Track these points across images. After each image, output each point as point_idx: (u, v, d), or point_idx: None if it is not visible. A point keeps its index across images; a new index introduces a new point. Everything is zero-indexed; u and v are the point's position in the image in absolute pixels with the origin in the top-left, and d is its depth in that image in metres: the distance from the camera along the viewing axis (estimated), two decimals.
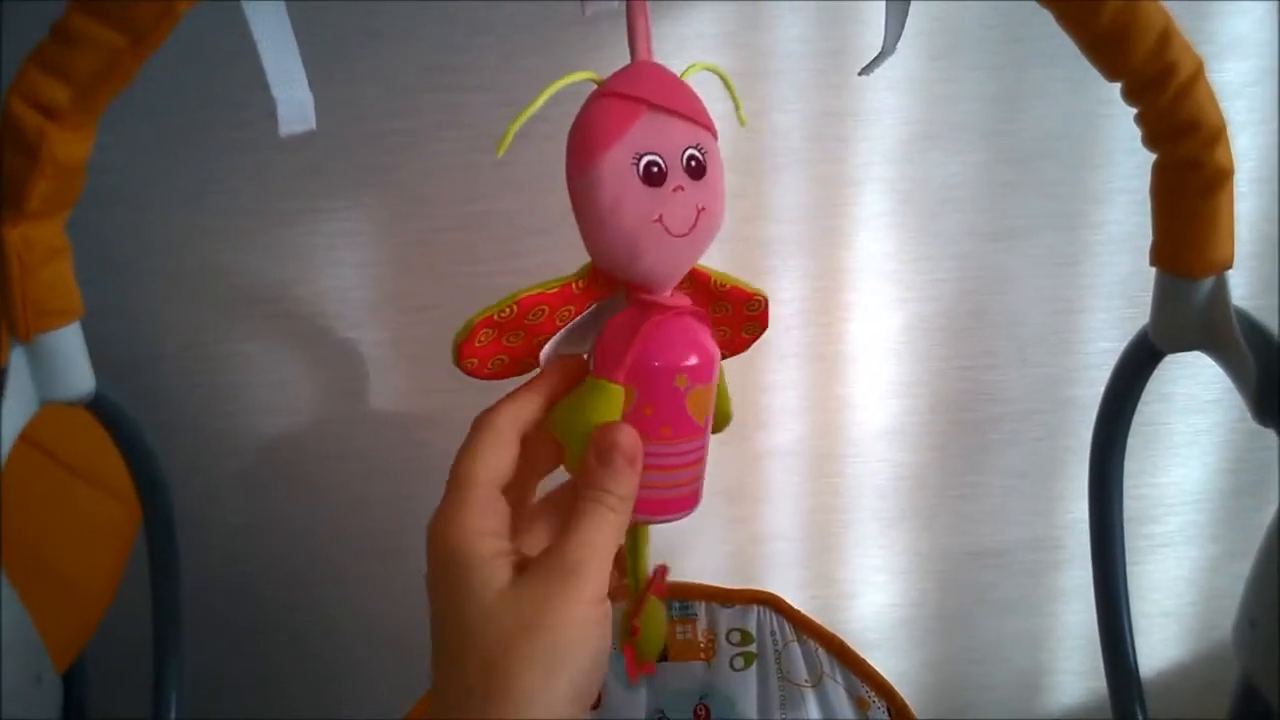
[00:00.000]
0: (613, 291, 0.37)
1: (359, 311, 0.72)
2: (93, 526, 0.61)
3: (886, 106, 0.67)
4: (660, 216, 0.34)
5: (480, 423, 0.35)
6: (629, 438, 0.35)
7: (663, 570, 0.40)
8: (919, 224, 0.71)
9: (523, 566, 0.33)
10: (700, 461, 0.38)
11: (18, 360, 0.37)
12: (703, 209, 0.34)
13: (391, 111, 0.66)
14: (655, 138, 0.33)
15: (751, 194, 0.69)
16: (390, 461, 0.76)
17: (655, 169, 0.33)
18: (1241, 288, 0.72)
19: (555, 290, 0.36)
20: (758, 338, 0.42)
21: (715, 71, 0.37)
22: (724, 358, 0.39)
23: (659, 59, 0.36)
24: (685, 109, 0.34)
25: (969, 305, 0.74)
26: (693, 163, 0.34)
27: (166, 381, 0.73)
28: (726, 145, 0.37)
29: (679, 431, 0.36)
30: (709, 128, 0.35)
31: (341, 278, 0.71)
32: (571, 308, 0.37)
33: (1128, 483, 0.48)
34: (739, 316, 0.41)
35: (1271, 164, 0.70)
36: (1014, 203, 0.71)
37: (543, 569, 0.33)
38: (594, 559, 0.33)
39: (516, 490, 0.36)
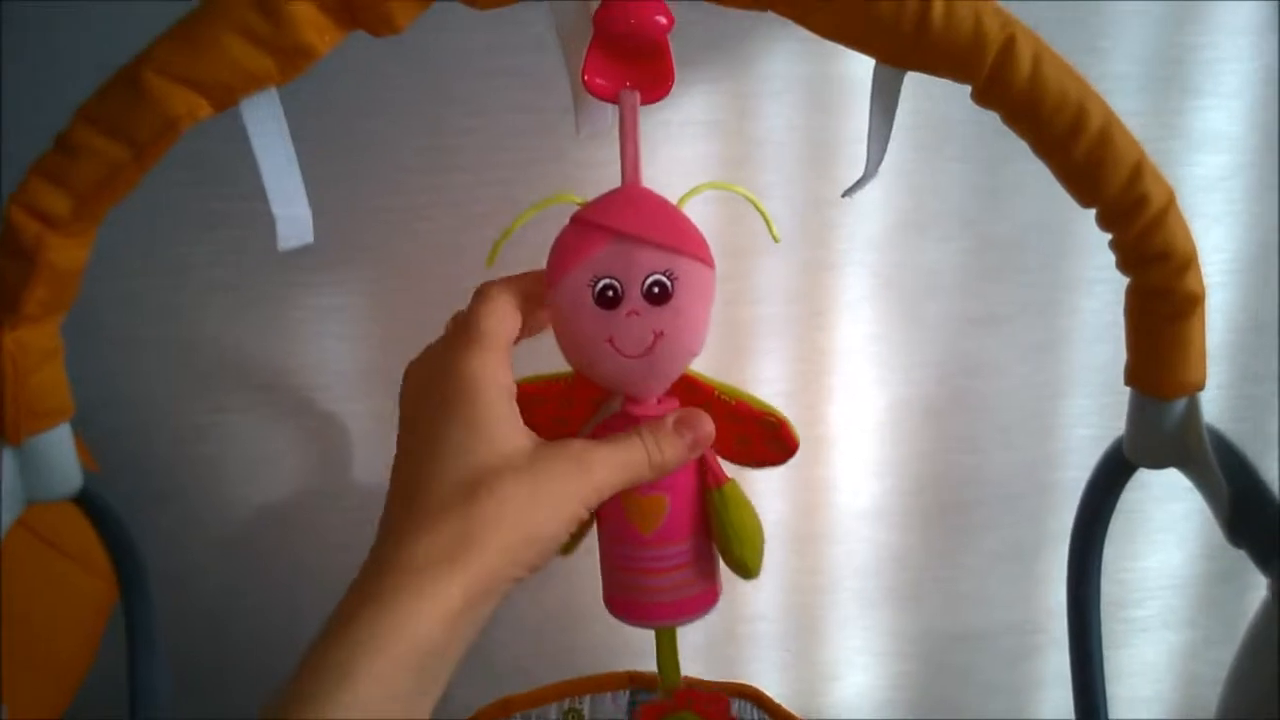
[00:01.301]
0: (608, 393, 0.39)
1: (344, 385, 0.72)
2: (68, 600, 0.61)
3: (871, 194, 0.69)
4: (611, 338, 0.36)
5: (484, 290, 0.38)
6: (706, 427, 0.37)
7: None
8: (901, 309, 0.72)
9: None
10: (680, 569, 0.39)
11: (6, 461, 0.37)
12: (660, 333, 0.36)
13: (381, 189, 0.67)
14: (615, 263, 0.36)
15: (736, 276, 0.70)
16: (372, 534, 0.75)
17: (610, 293, 0.36)
18: (1218, 375, 0.74)
19: (545, 384, 0.39)
20: (788, 453, 0.40)
21: (740, 193, 0.38)
22: (753, 466, 0.40)
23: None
24: (655, 237, 0.36)
25: (950, 389, 0.74)
26: (655, 289, 0.36)
27: (151, 451, 0.72)
28: (712, 227, 0.38)
29: (625, 537, 0.39)
30: (690, 253, 0.36)
31: (328, 351, 0.71)
32: (572, 402, 0.40)
33: (1107, 566, 0.49)
34: (756, 430, 0.40)
35: (1246, 255, 0.72)
36: (994, 290, 0.72)
37: (562, 450, 0.34)
38: (608, 475, 0.35)
39: None
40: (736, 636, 0.79)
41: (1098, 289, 0.72)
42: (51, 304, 0.35)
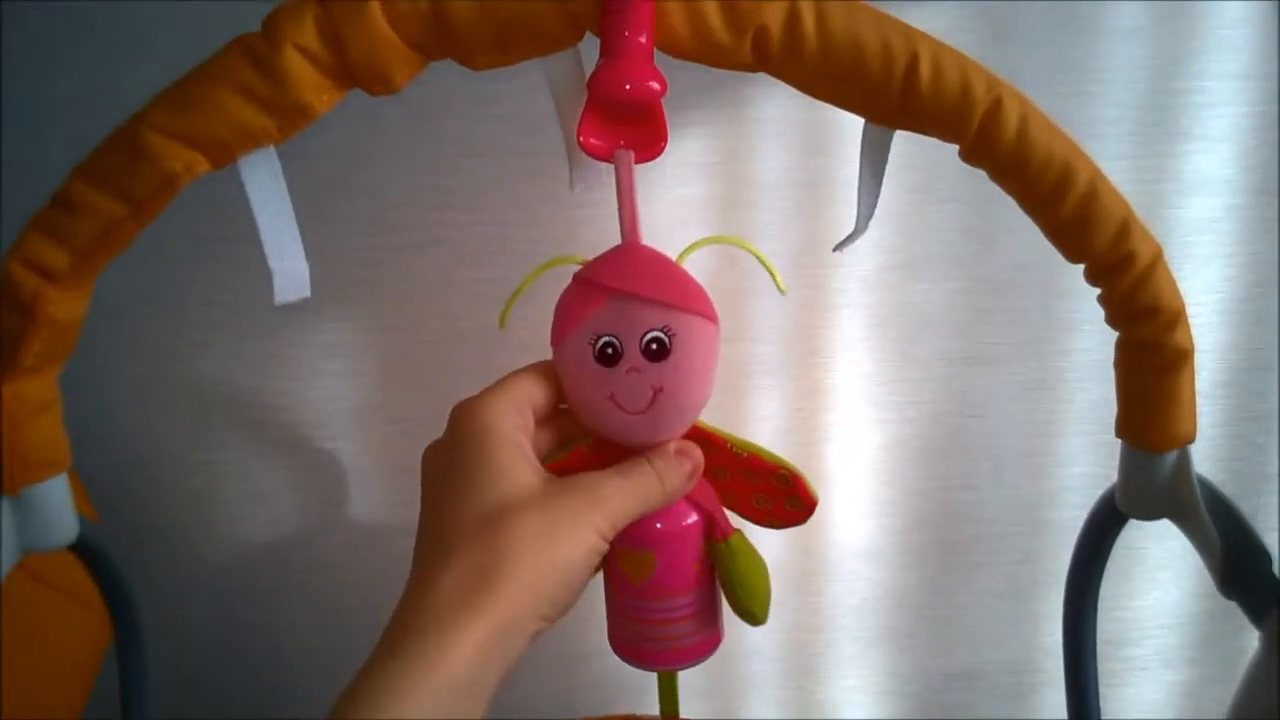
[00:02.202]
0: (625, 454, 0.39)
1: (339, 422, 0.72)
2: (64, 637, 0.61)
3: (865, 235, 0.69)
4: (613, 394, 0.37)
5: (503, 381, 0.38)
6: (698, 454, 0.38)
7: None
8: (896, 348, 0.73)
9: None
10: (678, 621, 0.39)
11: (3, 511, 0.37)
12: (660, 389, 0.36)
13: (379, 228, 0.68)
14: (614, 321, 0.36)
15: (732, 315, 0.70)
16: (366, 574, 0.75)
17: (610, 350, 0.36)
18: (1213, 415, 0.74)
19: (569, 456, 0.39)
20: (807, 512, 0.41)
21: (745, 247, 0.39)
22: (774, 527, 0.41)
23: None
24: (653, 294, 0.36)
25: (945, 427, 0.75)
26: (653, 345, 0.36)
27: (144, 487, 0.72)
28: (708, 267, 0.38)
29: (620, 585, 0.40)
30: (689, 309, 0.36)
31: (323, 388, 0.71)
32: (593, 468, 0.39)
33: (1104, 605, 0.49)
34: (773, 489, 0.40)
35: (1239, 296, 0.72)
36: (987, 329, 0.73)
37: (576, 487, 0.35)
38: (622, 503, 0.35)
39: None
40: (735, 674, 0.79)
41: (1089, 328, 0.72)
42: (49, 356, 0.36)
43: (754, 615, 0.40)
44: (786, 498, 0.40)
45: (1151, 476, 0.38)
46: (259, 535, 0.74)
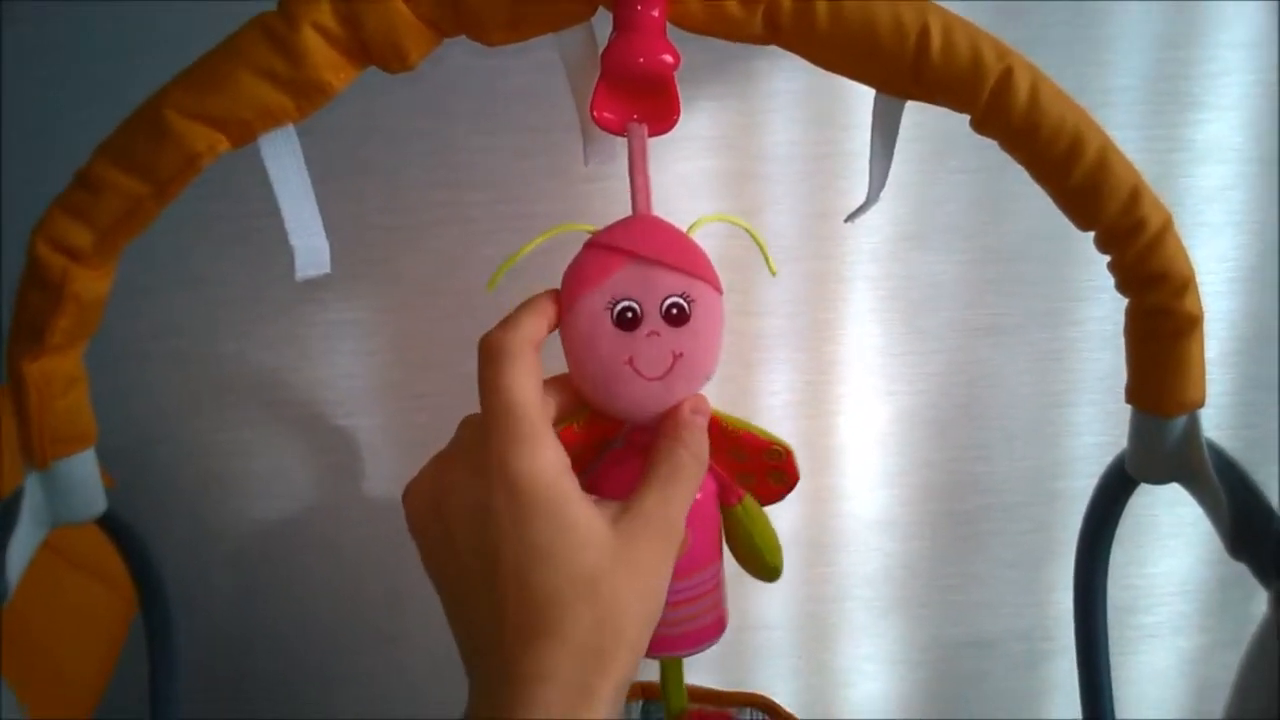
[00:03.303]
0: (617, 432, 0.39)
1: (355, 399, 0.73)
2: (88, 614, 0.62)
3: (875, 207, 0.69)
4: (631, 359, 0.36)
5: (496, 349, 0.35)
6: (706, 406, 0.37)
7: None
8: (907, 319, 0.73)
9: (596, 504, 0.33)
10: (700, 598, 0.40)
11: (31, 485, 0.38)
12: (680, 354, 0.36)
13: (392, 206, 0.68)
14: (634, 286, 0.36)
15: (742, 288, 0.70)
16: (382, 549, 0.76)
17: (630, 314, 0.36)
18: (1222, 384, 0.74)
19: (563, 432, 0.37)
20: (789, 488, 0.41)
21: (738, 224, 0.39)
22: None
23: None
24: (672, 260, 0.36)
25: (957, 398, 0.75)
26: (674, 310, 0.36)
27: (161, 465, 0.74)
28: (718, 241, 0.38)
29: None
30: (704, 278, 0.36)
31: (338, 366, 0.72)
32: (583, 448, 0.39)
33: (1116, 573, 0.49)
34: (760, 465, 0.40)
35: (1248, 265, 0.72)
36: (998, 300, 0.73)
37: (648, 520, 0.33)
38: (680, 502, 0.34)
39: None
40: (747, 645, 0.80)
41: (1101, 297, 0.72)
42: (75, 333, 0.36)
43: (776, 569, 0.41)
44: (772, 472, 0.40)
45: (1161, 441, 0.38)
46: (275, 511, 0.75)
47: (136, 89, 0.34)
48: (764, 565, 0.41)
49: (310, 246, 0.35)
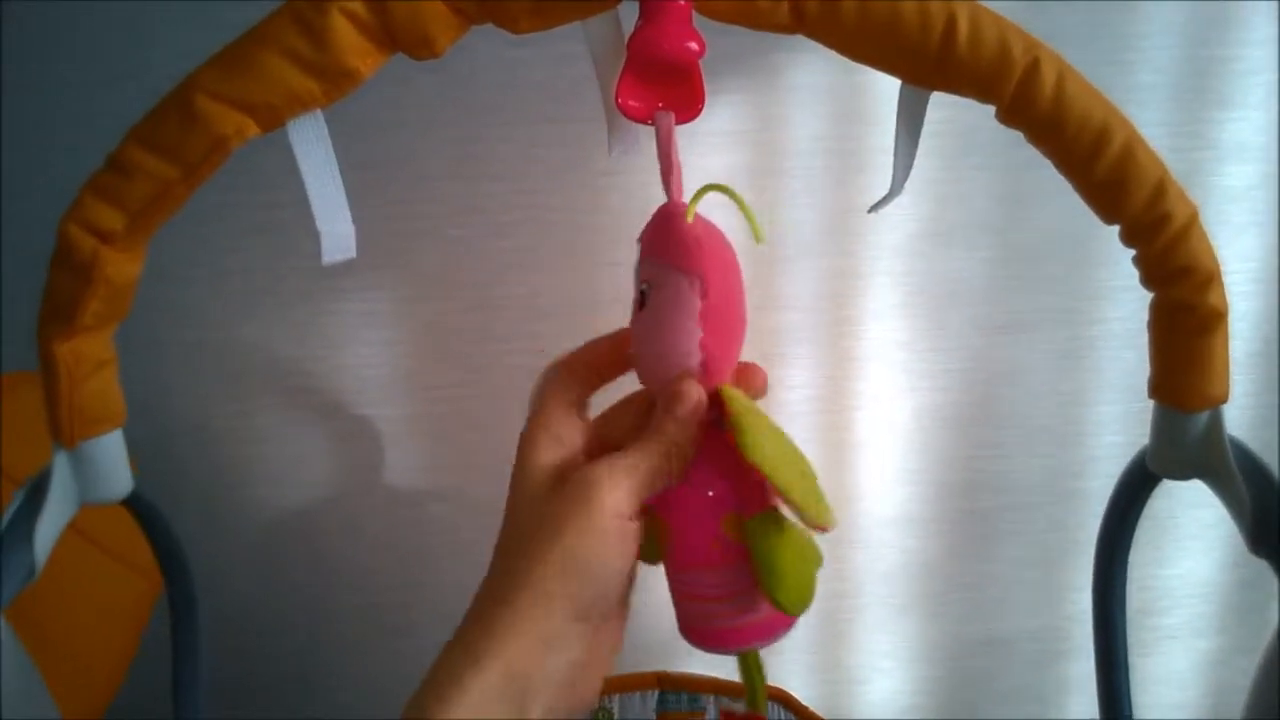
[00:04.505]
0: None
1: (375, 389, 0.74)
2: (111, 596, 0.62)
3: (896, 203, 0.69)
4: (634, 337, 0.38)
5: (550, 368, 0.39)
6: (693, 391, 0.36)
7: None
8: (928, 316, 0.73)
9: None
10: (714, 599, 0.37)
11: (60, 464, 0.38)
12: (639, 336, 0.37)
13: (413, 197, 0.69)
14: (639, 271, 0.38)
15: (764, 283, 0.71)
16: (402, 538, 0.77)
17: (641, 297, 0.37)
18: (1245, 383, 0.74)
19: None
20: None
21: (727, 192, 0.36)
22: None
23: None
24: (646, 249, 0.37)
25: (976, 396, 0.75)
26: (642, 297, 0.37)
27: (184, 452, 0.74)
28: (739, 235, 0.37)
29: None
30: (666, 263, 0.36)
31: (359, 356, 0.73)
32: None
33: (1134, 574, 0.49)
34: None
35: (1273, 264, 0.72)
36: (1020, 297, 0.73)
37: (573, 480, 0.35)
38: (617, 475, 0.35)
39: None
40: None
41: (1123, 296, 0.72)
42: (106, 315, 0.37)
43: (778, 603, 0.36)
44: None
45: (1184, 437, 0.38)
46: (296, 498, 0.76)
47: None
48: (768, 593, 0.36)
49: (337, 232, 0.35)
